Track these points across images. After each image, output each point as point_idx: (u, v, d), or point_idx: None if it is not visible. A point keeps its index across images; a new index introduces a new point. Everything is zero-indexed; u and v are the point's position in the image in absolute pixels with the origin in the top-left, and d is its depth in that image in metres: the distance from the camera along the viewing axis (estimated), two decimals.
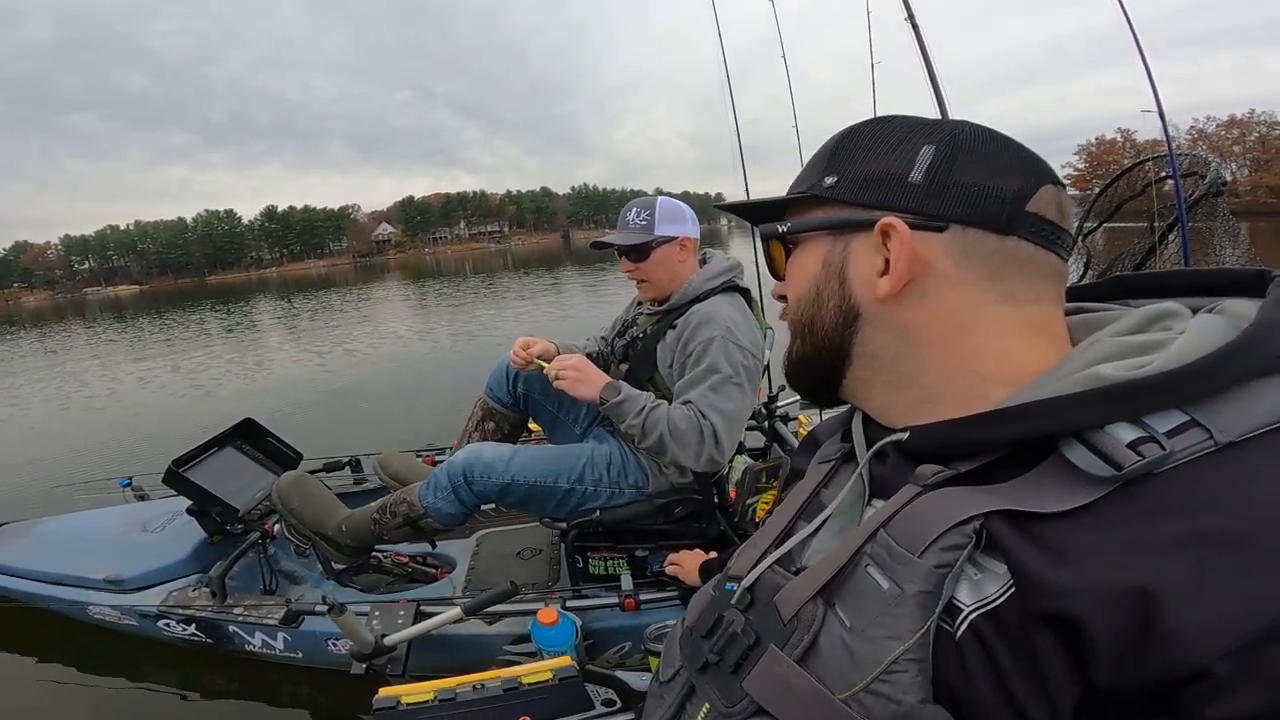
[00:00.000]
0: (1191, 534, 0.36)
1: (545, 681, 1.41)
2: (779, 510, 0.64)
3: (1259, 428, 0.38)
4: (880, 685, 0.42)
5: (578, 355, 1.82)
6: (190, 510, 2.22)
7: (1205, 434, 0.39)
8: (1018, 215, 0.49)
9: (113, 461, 5.31)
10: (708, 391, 1.73)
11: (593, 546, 1.99)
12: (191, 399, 8.25)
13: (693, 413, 1.71)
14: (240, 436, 2.58)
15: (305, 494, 2.11)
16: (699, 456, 1.72)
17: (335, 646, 1.92)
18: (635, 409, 1.73)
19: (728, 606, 0.56)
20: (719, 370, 1.73)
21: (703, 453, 1.71)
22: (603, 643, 1.79)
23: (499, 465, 1.88)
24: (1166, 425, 0.39)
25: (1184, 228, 2.45)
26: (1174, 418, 0.40)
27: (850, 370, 0.56)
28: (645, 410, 1.72)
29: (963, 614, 0.42)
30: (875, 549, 0.46)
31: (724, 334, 1.75)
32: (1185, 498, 0.38)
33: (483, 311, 15.76)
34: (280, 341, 13.78)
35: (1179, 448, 0.38)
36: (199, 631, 2.06)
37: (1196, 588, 0.35)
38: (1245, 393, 0.40)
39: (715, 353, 1.74)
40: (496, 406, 2.27)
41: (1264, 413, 0.39)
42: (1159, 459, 0.38)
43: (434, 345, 11.22)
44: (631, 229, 1.91)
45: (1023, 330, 0.50)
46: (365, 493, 2.74)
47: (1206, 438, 0.38)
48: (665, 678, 0.62)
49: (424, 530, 1.97)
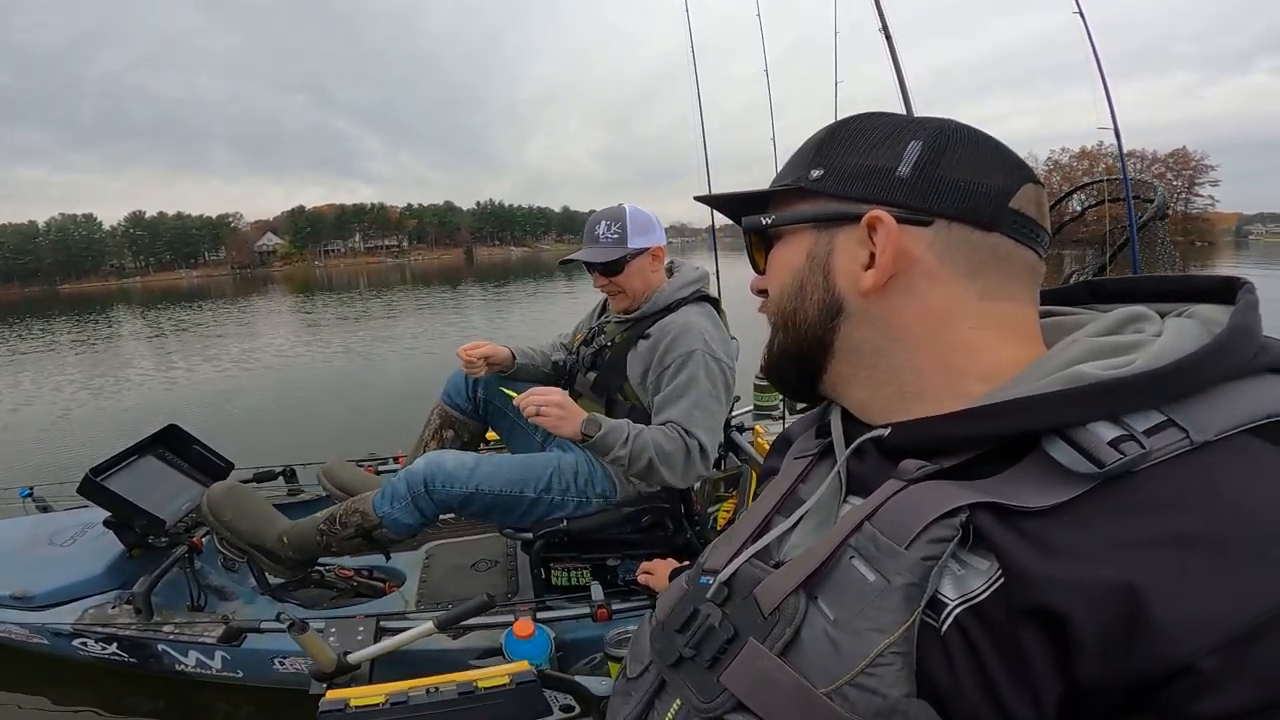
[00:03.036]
0: (1171, 533, 0.37)
1: (502, 686, 1.37)
2: (754, 505, 0.63)
3: (1232, 428, 0.40)
4: (864, 679, 0.42)
5: (559, 392, 1.74)
6: (108, 522, 2.05)
7: (1181, 434, 0.40)
8: (1001, 211, 0.50)
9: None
10: (691, 408, 1.73)
11: (556, 557, 1.95)
12: (88, 409, 7.72)
13: (676, 432, 1.72)
14: (163, 444, 2.40)
15: (240, 505, 1.98)
16: (686, 475, 1.73)
17: (283, 665, 1.80)
18: (620, 440, 1.69)
19: (703, 600, 0.54)
20: (699, 385, 1.74)
21: (690, 471, 1.72)
22: (574, 654, 1.75)
23: (462, 474, 1.82)
24: (1144, 424, 0.40)
25: (1134, 245, 2.64)
26: (1152, 417, 0.41)
27: (831, 365, 0.57)
28: (630, 439, 1.69)
29: (947, 608, 0.42)
30: (860, 541, 0.46)
31: (702, 347, 1.77)
32: (1163, 496, 0.39)
33: (385, 323, 15.49)
34: (145, 352, 13.04)
35: (1157, 446, 0.39)
36: (121, 650, 1.90)
37: (1179, 585, 0.36)
38: (1219, 394, 0.41)
39: (695, 367, 1.75)
40: (455, 414, 2.20)
41: (1237, 414, 0.40)
42: (1138, 457, 0.39)
43: (315, 358, 10.94)
44: (603, 244, 1.89)
45: (1000, 327, 0.51)
46: (301, 504, 2.59)
47: (1183, 437, 0.39)
48: (633, 674, 0.61)
49: (377, 541, 1.88)
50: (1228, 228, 20.07)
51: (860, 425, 0.57)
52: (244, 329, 16.67)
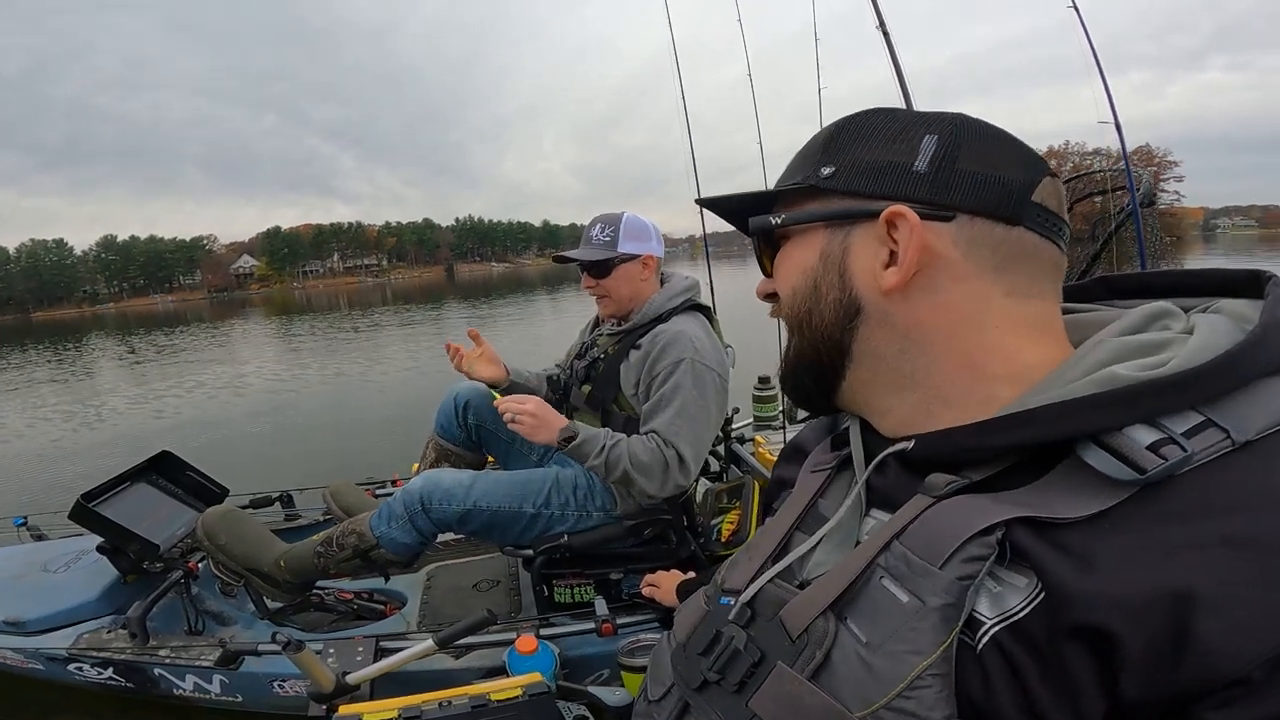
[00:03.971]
0: (1220, 537, 0.36)
1: (515, 698, 1.34)
2: (773, 522, 0.61)
3: (1273, 426, 0.38)
4: (903, 702, 0.40)
5: (534, 399, 1.77)
6: (102, 548, 2.02)
7: (1222, 434, 0.38)
8: (1025, 205, 0.48)
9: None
10: (673, 418, 1.73)
11: (558, 573, 1.92)
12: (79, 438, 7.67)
13: (655, 443, 1.71)
14: (155, 471, 2.37)
15: (235, 529, 1.95)
16: (664, 485, 1.72)
17: (282, 688, 1.76)
18: (596, 449, 1.71)
19: (726, 622, 0.53)
20: (684, 395, 1.73)
21: (668, 482, 1.72)
22: (581, 670, 1.71)
23: (459, 491, 1.80)
24: (1183, 426, 0.39)
25: (1140, 237, 2.65)
26: (1189, 418, 0.39)
27: (851, 371, 0.54)
28: (605, 449, 1.71)
29: (984, 627, 0.40)
30: (890, 561, 0.44)
31: (692, 355, 1.76)
32: (1210, 500, 0.37)
33: (374, 345, 15.45)
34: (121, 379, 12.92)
35: (1198, 449, 0.38)
36: (118, 675, 1.87)
37: (1231, 592, 0.34)
38: (1257, 392, 0.40)
39: (681, 376, 1.74)
40: (450, 446, 2.19)
41: (1277, 412, 0.39)
42: (1181, 461, 0.37)
43: (309, 381, 10.89)
44: (595, 245, 1.90)
45: (1027, 327, 0.49)
46: (299, 529, 2.56)
47: (1224, 438, 0.38)
48: (655, 696, 0.59)
49: (375, 562, 1.86)
50: (1195, 222, 20.47)
51: (877, 435, 0.56)
52: (227, 354, 16.59)
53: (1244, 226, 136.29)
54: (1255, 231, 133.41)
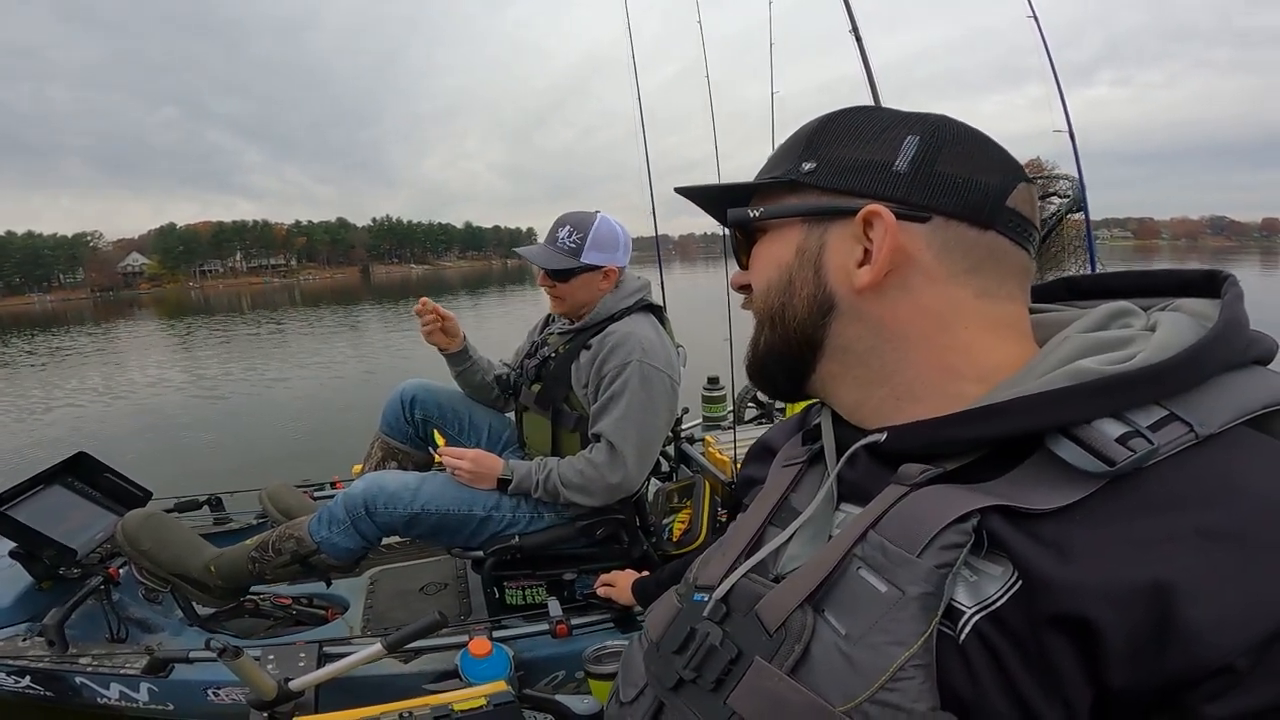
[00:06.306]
0: (1194, 529, 0.37)
1: (479, 708, 1.30)
2: (745, 517, 0.61)
3: (1233, 419, 0.40)
4: (886, 694, 0.40)
5: (474, 451, 1.82)
6: (14, 553, 1.88)
7: (1185, 427, 0.39)
8: (999, 210, 0.49)
9: None
10: (619, 420, 1.73)
11: (509, 575, 1.88)
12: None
13: (584, 457, 1.75)
14: (71, 473, 2.22)
15: (159, 534, 1.84)
16: (609, 494, 1.77)
17: (218, 695, 1.67)
18: (532, 484, 1.79)
19: (700, 619, 0.52)
20: (631, 396, 1.73)
21: (613, 490, 1.77)
22: (535, 673, 1.68)
23: (405, 494, 1.74)
24: (1147, 420, 0.40)
25: (1091, 241, 2.78)
26: (1154, 413, 0.40)
27: (821, 364, 0.55)
28: (539, 483, 1.77)
29: (964, 616, 0.41)
30: (867, 551, 0.44)
31: (640, 356, 1.75)
32: (1180, 492, 0.38)
33: (297, 346, 15.02)
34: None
35: (1163, 442, 0.39)
36: (36, 684, 1.74)
37: (1209, 582, 0.36)
38: (1217, 387, 0.41)
39: (629, 376, 1.74)
40: (397, 444, 2.13)
41: (1237, 405, 0.40)
42: (1147, 454, 0.39)
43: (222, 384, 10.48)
44: (559, 248, 1.85)
45: (996, 327, 0.50)
46: (229, 534, 2.43)
47: (1187, 431, 0.39)
48: (627, 698, 0.58)
49: (315, 567, 1.79)
50: (1076, 233, 22.94)
51: (849, 428, 0.56)
52: (118, 356, 15.76)
53: (1122, 238, 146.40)
54: (1131, 243, 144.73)
